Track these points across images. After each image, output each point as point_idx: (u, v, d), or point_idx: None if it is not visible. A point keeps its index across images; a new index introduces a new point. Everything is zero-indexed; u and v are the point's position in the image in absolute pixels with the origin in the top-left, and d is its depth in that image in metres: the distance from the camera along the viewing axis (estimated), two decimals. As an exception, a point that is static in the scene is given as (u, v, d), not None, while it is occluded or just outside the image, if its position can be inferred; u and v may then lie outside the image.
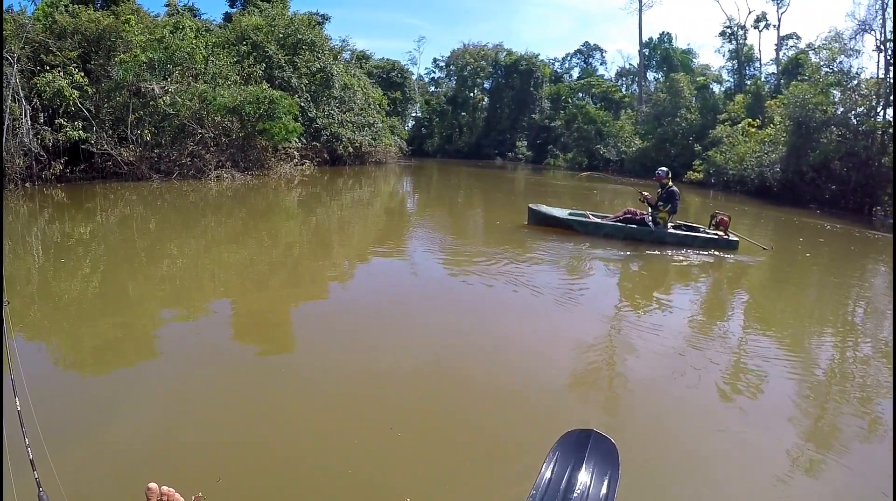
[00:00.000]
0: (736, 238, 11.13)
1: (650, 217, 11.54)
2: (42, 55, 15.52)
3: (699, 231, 11.44)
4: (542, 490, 2.51)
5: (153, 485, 2.16)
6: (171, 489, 2.19)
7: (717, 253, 10.80)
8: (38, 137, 14.61)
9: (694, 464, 3.79)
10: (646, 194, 11.86)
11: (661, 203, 11.48)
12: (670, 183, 11.60)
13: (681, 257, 10.36)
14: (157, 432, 3.80)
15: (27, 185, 14.34)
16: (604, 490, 2.49)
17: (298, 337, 5.97)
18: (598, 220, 12.17)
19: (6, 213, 11.19)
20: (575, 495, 2.45)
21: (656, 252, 10.59)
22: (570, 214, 12.70)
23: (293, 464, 3.54)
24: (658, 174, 11.67)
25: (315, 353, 5.42)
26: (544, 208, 12.85)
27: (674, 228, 11.50)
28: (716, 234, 11.26)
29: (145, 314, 6.29)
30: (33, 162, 14.53)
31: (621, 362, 5.44)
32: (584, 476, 2.56)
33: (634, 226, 11.56)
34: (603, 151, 39.44)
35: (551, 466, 2.63)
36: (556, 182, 30.73)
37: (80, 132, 15.40)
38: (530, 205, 12.98)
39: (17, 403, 2.18)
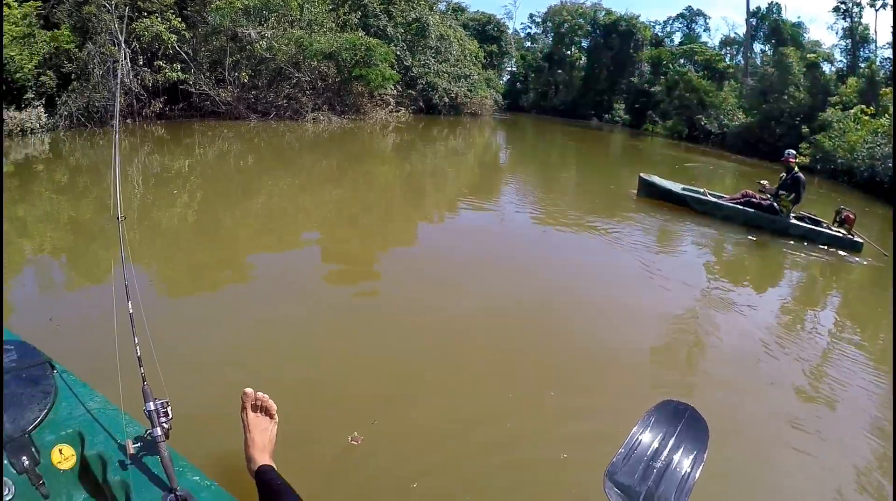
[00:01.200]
0: (861, 240, 9.92)
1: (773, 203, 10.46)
2: (139, 2, 15.80)
3: (822, 226, 10.22)
4: (629, 451, 2.57)
5: (249, 390, 2.56)
6: (265, 395, 2.56)
7: (839, 252, 9.71)
8: (139, 77, 15.21)
9: (759, 464, 3.63)
10: (764, 182, 10.83)
11: (783, 192, 10.37)
12: (797, 168, 10.54)
13: (799, 252, 9.44)
14: (241, 352, 4.07)
15: (128, 121, 14.94)
16: (687, 469, 2.54)
17: (384, 276, 6.10)
18: (716, 199, 11.16)
19: (107, 146, 11.66)
20: (659, 465, 2.52)
21: (778, 241, 9.81)
22: (683, 189, 11.73)
23: (364, 400, 3.66)
24: (786, 155, 10.74)
25: (399, 292, 5.56)
26: (657, 180, 11.91)
27: (796, 219, 10.38)
28: (839, 231, 10.04)
29: (239, 243, 6.56)
30: (134, 100, 15.23)
31: (710, 346, 5.32)
32: (672, 449, 2.61)
33: (757, 211, 10.50)
34: (704, 121, 37.78)
35: (644, 430, 2.68)
36: (656, 150, 29.90)
37: (179, 73, 15.88)
38: (641, 175, 12.07)
39: (130, 306, 2.49)
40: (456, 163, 15.86)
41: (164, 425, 2.21)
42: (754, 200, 10.66)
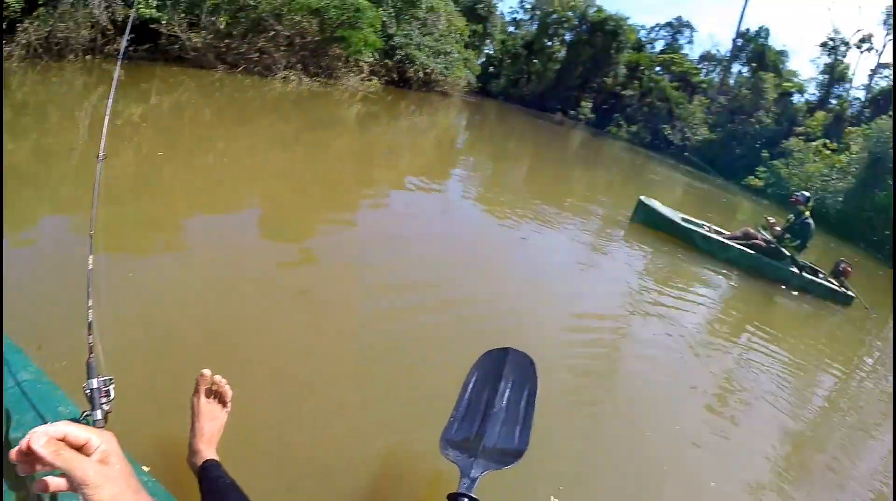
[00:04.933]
0: (853, 294, 9.80)
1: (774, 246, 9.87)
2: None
3: (819, 277, 9.96)
4: (462, 410, 2.66)
5: (206, 372, 2.29)
6: (223, 379, 2.32)
7: (830, 305, 9.68)
8: (109, 10, 14.04)
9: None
10: (772, 220, 10.36)
11: (788, 236, 9.85)
12: (808, 213, 9.90)
13: (784, 299, 9.39)
14: (169, 320, 3.83)
15: (87, 57, 14.02)
16: (523, 403, 2.65)
17: (323, 249, 6.07)
18: (718, 237, 10.22)
19: (61, 84, 11.28)
20: (495, 410, 2.60)
21: (776, 288, 9.59)
22: (683, 219, 10.72)
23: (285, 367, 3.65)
24: (796, 197, 10.07)
25: (331, 258, 5.67)
26: (658, 206, 10.71)
27: (796, 267, 9.84)
28: (836, 284, 9.86)
29: (179, 202, 6.32)
30: (98, 35, 14.08)
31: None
32: (503, 391, 2.69)
33: (765, 257, 9.81)
34: (668, 132, 38.53)
35: (471, 384, 2.76)
36: (613, 153, 30.55)
37: (153, 11, 14.89)
38: (642, 198, 10.81)
39: (91, 261, 2.14)
40: (415, 141, 15.84)
41: (104, 407, 1.91)
42: (756, 241, 10.00)
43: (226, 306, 4.22)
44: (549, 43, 52.42)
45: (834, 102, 36.91)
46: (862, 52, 40.18)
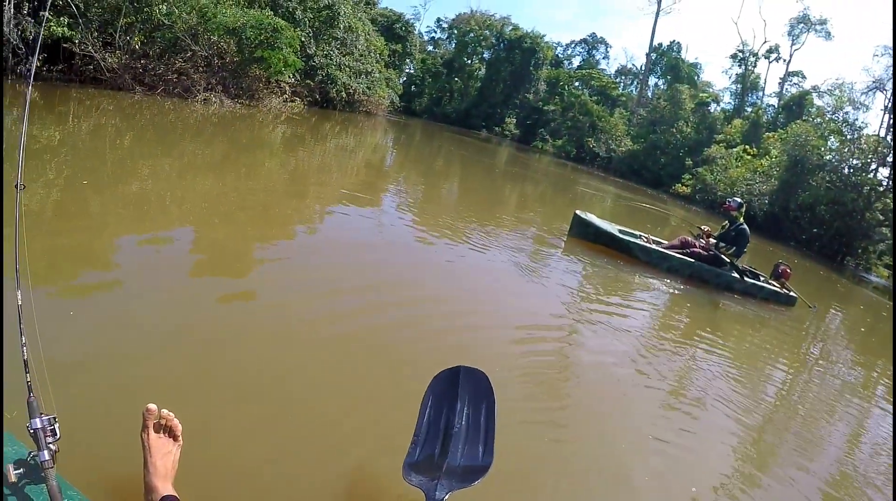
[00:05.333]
0: (795, 295, 9.91)
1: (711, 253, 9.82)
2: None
3: (760, 280, 9.98)
4: (423, 434, 2.61)
5: (152, 406, 2.14)
6: (170, 413, 2.17)
7: (774, 306, 9.73)
8: (19, 28, 13.23)
9: None
10: (706, 228, 10.36)
11: (723, 245, 9.86)
12: (741, 219, 9.90)
13: (728, 303, 9.32)
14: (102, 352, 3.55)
15: None
16: (482, 419, 2.62)
17: (256, 273, 5.79)
18: (657, 247, 10.06)
19: None
20: (456, 429, 2.57)
21: (717, 294, 9.53)
22: (620, 231, 10.53)
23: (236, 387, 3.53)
24: (728, 204, 10.05)
25: (268, 288, 5.32)
26: (594, 219, 10.42)
27: (736, 272, 9.82)
28: (777, 286, 9.95)
29: (105, 231, 5.91)
30: (9, 54, 13.22)
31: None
32: (461, 410, 2.66)
33: (706, 265, 9.74)
34: (593, 145, 39.11)
35: (427, 409, 2.70)
36: (542, 166, 30.51)
37: (65, 29, 13.95)
38: (577, 212, 10.48)
39: (19, 296, 2.00)
40: (344, 162, 15.36)
41: (51, 447, 1.80)
42: (695, 249, 9.93)
43: (166, 335, 3.94)
44: (469, 61, 53.05)
45: (749, 109, 38.27)
46: (770, 62, 42.04)
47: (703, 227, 10.54)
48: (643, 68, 51.98)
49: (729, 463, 4.21)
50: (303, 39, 23.03)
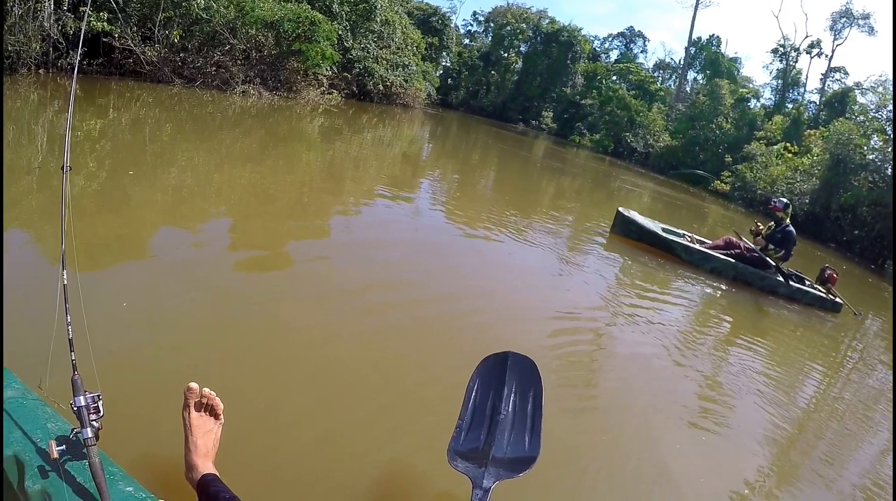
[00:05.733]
0: (840, 301, 9.46)
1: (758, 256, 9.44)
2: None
3: (805, 284, 9.66)
4: (468, 419, 2.57)
5: (194, 385, 2.15)
6: (212, 392, 2.18)
7: (817, 312, 9.34)
8: (60, 23, 13.48)
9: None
10: (760, 226, 9.96)
11: (772, 247, 9.47)
12: (787, 220, 9.59)
13: (771, 306, 9.02)
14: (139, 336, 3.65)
15: (41, 71, 13.49)
16: (529, 408, 2.56)
17: (294, 264, 5.87)
18: (700, 247, 9.71)
19: (16, 99, 10.67)
20: (502, 416, 2.52)
21: (762, 298, 9.28)
22: (664, 230, 10.27)
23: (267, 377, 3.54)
24: (774, 204, 9.81)
25: (306, 280, 5.39)
26: (638, 217, 10.13)
27: (782, 275, 9.44)
28: (823, 291, 9.53)
29: (146, 219, 6.05)
30: (50, 48, 13.56)
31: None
32: (507, 396, 2.60)
33: (750, 267, 9.40)
34: (631, 139, 38.67)
35: (473, 393, 2.66)
36: (579, 161, 30.26)
37: (105, 24, 14.23)
38: (620, 209, 10.21)
39: (65, 276, 2.02)
40: (380, 154, 15.46)
41: (94, 424, 1.82)
42: (739, 250, 9.61)
43: (205, 321, 4.08)
44: (506, 54, 52.76)
45: (790, 106, 37.52)
46: (812, 58, 41.12)
47: (758, 224, 10.16)
48: (682, 63, 51.28)
49: (764, 460, 4.17)
50: (340, 33, 23.15)
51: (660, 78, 54.66)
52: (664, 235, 9.91)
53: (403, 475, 3.01)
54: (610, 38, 59.53)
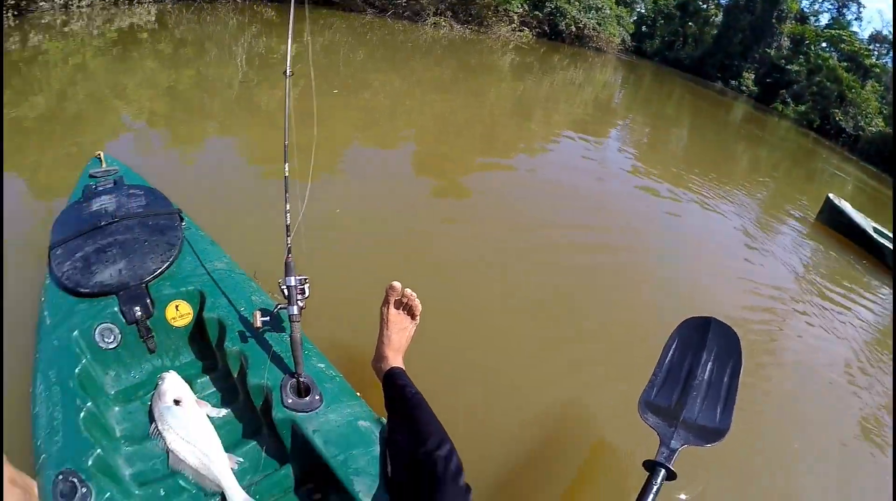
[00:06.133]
0: None
1: None
2: None
3: None
4: (663, 375, 2.53)
5: (396, 284, 2.26)
6: (412, 292, 2.27)
7: None
8: None
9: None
10: None
11: None
12: None
13: None
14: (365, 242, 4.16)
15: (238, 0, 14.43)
16: (726, 379, 2.46)
17: (475, 194, 5.96)
18: None
19: (216, 23, 11.87)
20: (697, 381, 2.46)
21: None
22: (875, 229, 8.84)
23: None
24: None
25: (485, 211, 5.49)
26: (850, 210, 8.94)
27: None
28: None
29: (340, 133, 6.53)
30: None
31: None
32: (705, 362, 2.54)
33: None
34: (840, 118, 35.20)
35: (671, 351, 2.62)
36: (780, 131, 27.91)
37: None
38: (830, 196, 9.04)
39: (286, 168, 2.25)
40: (571, 95, 15.06)
41: (299, 303, 2.04)
42: None
43: (404, 232, 4.44)
44: (704, 6, 49.60)
45: None
46: None
47: None
48: (902, 37, 46.40)
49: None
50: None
51: (875, 52, 49.63)
52: (875, 236, 8.57)
53: (582, 414, 3.03)
54: (819, 0, 54.83)
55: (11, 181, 4.09)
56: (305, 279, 2.07)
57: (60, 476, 1.72)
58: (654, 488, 2.02)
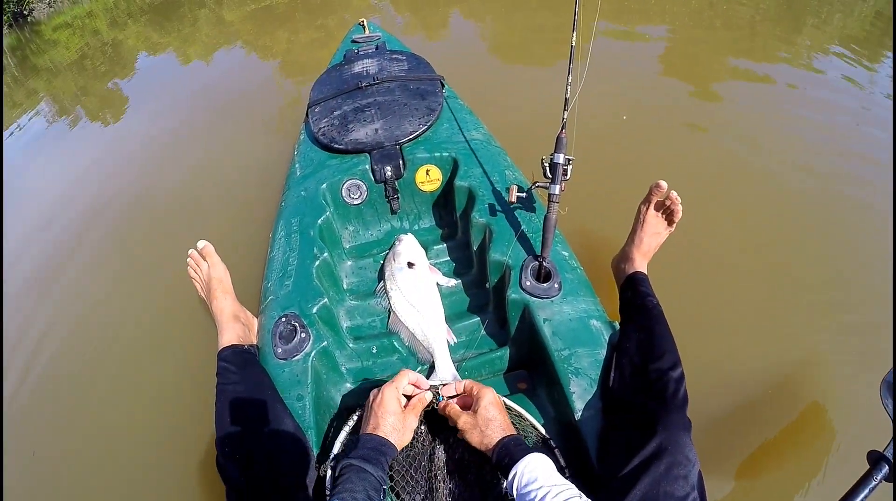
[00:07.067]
0: None
1: None
2: None
3: None
4: None
5: (663, 184, 1.96)
6: (678, 198, 1.95)
7: None
8: None
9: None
10: None
11: None
12: None
13: None
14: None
15: None
16: None
17: (727, 99, 5.25)
18: None
19: None
20: None
21: None
22: None
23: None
24: None
25: (739, 118, 4.74)
26: None
27: None
28: None
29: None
30: None
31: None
32: None
33: None
34: None
35: None
36: None
37: None
38: None
39: (573, 38, 2.01)
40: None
41: (562, 183, 1.91)
42: None
43: (668, 130, 4.15)
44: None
45: None
46: None
47: None
48: None
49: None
50: None
51: None
52: None
53: (812, 373, 2.52)
54: None
55: (264, 64, 4.18)
56: (570, 160, 1.93)
57: (283, 319, 1.83)
58: (872, 484, 1.75)
